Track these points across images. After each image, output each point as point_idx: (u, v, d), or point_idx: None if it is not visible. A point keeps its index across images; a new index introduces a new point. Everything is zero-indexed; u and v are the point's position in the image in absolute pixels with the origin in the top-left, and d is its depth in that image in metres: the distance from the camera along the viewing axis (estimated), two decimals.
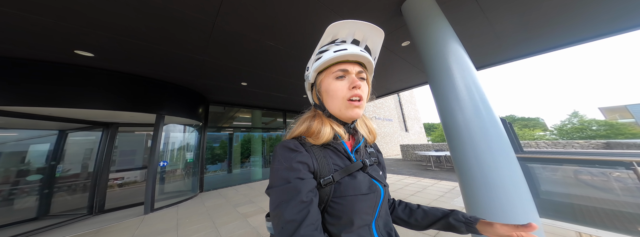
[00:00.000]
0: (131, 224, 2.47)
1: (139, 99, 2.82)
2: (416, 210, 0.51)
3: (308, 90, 0.52)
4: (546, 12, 1.91)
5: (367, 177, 0.43)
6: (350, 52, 0.42)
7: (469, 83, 1.21)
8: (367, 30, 0.46)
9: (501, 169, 1.04)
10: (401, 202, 0.56)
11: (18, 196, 2.70)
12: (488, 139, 1.10)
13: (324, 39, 0.44)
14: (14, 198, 2.66)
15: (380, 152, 0.58)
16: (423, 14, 1.51)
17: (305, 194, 0.35)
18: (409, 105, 17.43)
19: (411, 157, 8.85)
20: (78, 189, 3.09)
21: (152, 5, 1.50)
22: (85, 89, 2.41)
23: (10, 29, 1.65)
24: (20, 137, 2.86)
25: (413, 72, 3.45)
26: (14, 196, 2.67)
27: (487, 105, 1.16)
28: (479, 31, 2.20)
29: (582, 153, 2.57)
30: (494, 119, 1.14)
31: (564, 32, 2.31)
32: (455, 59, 1.29)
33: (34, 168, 2.87)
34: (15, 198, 2.67)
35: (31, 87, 2.12)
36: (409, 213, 0.52)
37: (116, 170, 4.88)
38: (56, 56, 2.14)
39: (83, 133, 3.21)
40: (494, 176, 1.04)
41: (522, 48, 2.71)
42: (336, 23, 0.42)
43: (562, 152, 1.88)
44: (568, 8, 1.87)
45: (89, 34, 1.80)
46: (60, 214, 2.83)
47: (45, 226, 2.41)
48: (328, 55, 0.43)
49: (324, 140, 0.42)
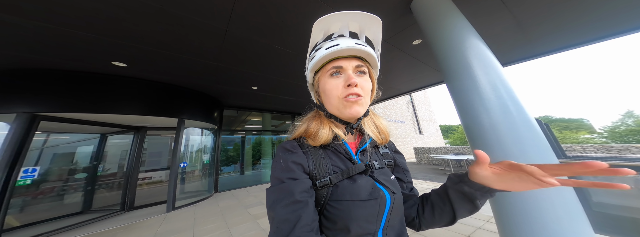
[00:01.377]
0: (155, 221, 2.63)
1: (164, 105, 3.06)
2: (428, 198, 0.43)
3: (310, 90, 0.49)
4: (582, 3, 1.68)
5: (371, 181, 0.39)
6: (343, 47, 0.38)
7: (494, 80, 1.10)
8: (361, 20, 0.41)
9: None
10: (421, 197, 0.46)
11: (67, 191, 3.06)
12: (521, 142, 0.97)
13: (314, 37, 0.42)
14: (64, 194, 3.02)
15: (400, 153, 0.52)
16: (435, 10, 1.43)
17: (299, 194, 0.34)
18: (422, 107, 16.71)
19: (427, 161, 8.40)
20: (114, 187, 3.43)
21: (171, 16, 1.62)
22: (121, 96, 2.69)
23: (62, 44, 1.90)
24: (71, 140, 3.27)
25: (426, 72, 3.29)
26: (64, 192, 3.03)
27: (517, 104, 1.04)
28: (501, 25, 2.02)
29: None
30: (527, 120, 1.01)
31: (605, 22, 2.00)
32: (475, 55, 1.19)
33: (80, 167, 3.25)
34: (65, 194, 3.04)
35: (77, 95, 2.41)
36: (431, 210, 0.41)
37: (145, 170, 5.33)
38: (96, 67, 2.42)
39: (119, 136, 3.57)
40: None
41: (554, 41, 2.42)
42: (322, 18, 0.38)
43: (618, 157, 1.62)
44: None
45: (123, 46, 2.00)
46: (99, 209, 3.16)
47: (88, 220, 2.69)
48: (320, 53, 0.40)
49: (322, 141, 0.40)
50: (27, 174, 2.43)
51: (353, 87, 0.38)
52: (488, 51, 1.22)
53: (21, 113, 2.17)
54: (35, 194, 2.72)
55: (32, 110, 2.21)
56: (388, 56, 2.61)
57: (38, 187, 2.74)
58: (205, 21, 1.71)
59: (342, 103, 0.39)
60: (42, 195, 2.81)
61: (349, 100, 0.38)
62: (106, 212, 2.99)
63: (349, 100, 0.38)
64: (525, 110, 1.04)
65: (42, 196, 2.81)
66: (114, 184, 3.45)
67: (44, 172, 2.82)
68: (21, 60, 2.09)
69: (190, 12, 1.58)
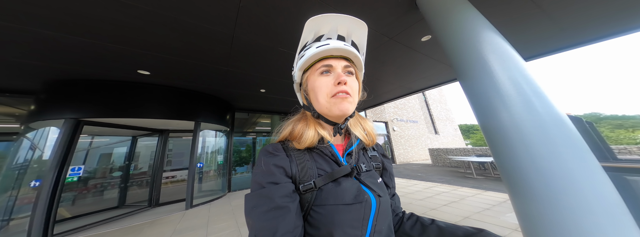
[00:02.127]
0: (175, 218, 2.81)
1: (182, 108, 3.29)
2: (429, 226, 0.41)
3: (297, 91, 0.49)
4: None
5: (356, 184, 0.37)
6: (333, 47, 0.40)
7: (514, 75, 0.99)
8: (350, 25, 0.43)
9: (575, 180, 0.77)
10: (412, 215, 0.47)
11: (106, 188, 3.46)
12: (550, 142, 0.85)
13: (305, 36, 0.42)
14: (103, 190, 3.42)
15: (388, 158, 0.51)
16: (441, 3, 1.34)
17: (279, 199, 0.31)
18: (438, 105, 15.87)
19: (444, 163, 7.91)
20: (143, 185, 3.79)
21: (184, 24, 1.73)
22: (146, 101, 2.95)
23: (95, 56, 2.13)
24: (110, 142, 3.70)
25: (438, 69, 3.11)
26: (103, 188, 3.43)
27: (544, 99, 0.92)
28: (522, 13, 1.80)
29: None
30: (557, 116, 0.88)
31: None
32: (492, 50, 1.08)
33: (116, 166, 3.65)
34: (105, 190, 3.44)
35: (111, 102, 2.71)
36: (421, 230, 0.41)
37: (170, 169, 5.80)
38: (125, 76, 2.67)
39: (148, 138, 3.93)
40: (562, 189, 0.77)
41: (597, 28, 2.02)
42: (315, 18, 0.40)
43: None
44: None
45: (145, 55, 2.19)
46: (131, 204, 3.49)
47: (121, 214, 2.98)
48: (311, 51, 0.41)
49: (307, 144, 0.39)
50: (74, 172, 2.78)
51: (343, 84, 0.39)
52: (506, 44, 1.10)
53: (68, 118, 2.47)
54: (81, 190, 3.12)
55: (77, 116, 2.51)
56: (396, 54, 2.51)
57: (85, 183, 3.16)
58: (213, 28, 1.79)
59: (331, 101, 0.39)
60: (86, 190, 3.21)
61: (339, 97, 0.38)
62: (136, 208, 3.29)
63: (339, 97, 0.38)
64: (554, 106, 0.91)
65: (86, 191, 3.21)
66: (143, 182, 3.80)
67: (87, 171, 3.22)
68: (63, 71, 2.38)
69: (200, 19, 1.68)
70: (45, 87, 2.56)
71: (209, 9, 1.56)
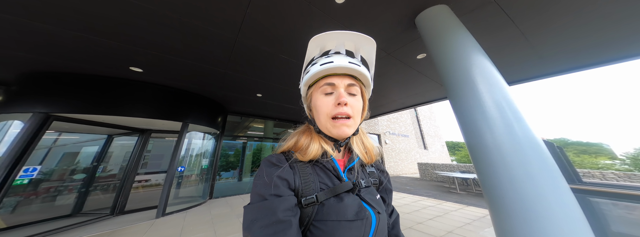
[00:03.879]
0: (141, 228, 2.52)
1: (171, 108, 3.14)
2: None
3: (303, 104, 0.50)
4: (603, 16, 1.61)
5: (357, 200, 0.37)
6: (337, 65, 0.39)
7: (498, 99, 1.08)
8: (357, 40, 0.42)
9: (547, 200, 0.85)
10: None
11: (62, 193, 2.95)
12: (527, 164, 0.93)
13: (310, 52, 0.43)
14: (58, 195, 2.90)
15: (385, 172, 0.51)
16: (438, 25, 1.46)
17: (282, 212, 0.30)
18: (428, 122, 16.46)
19: (431, 177, 8.04)
20: (109, 189, 3.34)
21: (188, 26, 1.75)
22: (133, 99, 2.79)
23: (87, 51, 2.03)
24: (79, 140, 3.29)
25: (431, 86, 3.30)
26: (58, 193, 2.91)
27: (523, 124, 1.00)
28: (509, 41, 2.00)
29: None
30: (533, 141, 0.97)
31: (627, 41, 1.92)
32: (480, 73, 1.19)
33: (81, 168, 3.19)
34: (59, 195, 2.91)
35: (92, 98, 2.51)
36: None
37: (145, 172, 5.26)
38: (115, 72, 2.56)
39: (125, 138, 3.60)
40: (536, 208, 0.85)
41: (569, 60, 2.34)
42: (318, 36, 0.40)
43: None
44: None
45: (142, 53, 2.13)
46: (89, 212, 3.02)
47: (74, 224, 2.57)
48: (315, 68, 0.40)
49: (311, 156, 0.39)
50: (27, 173, 2.39)
51: (343, 106, 0.38)
52: (493, 68, 1.21)
53: (37, 113, 2.26)
54: (29, 195, 2.62)
55: (48, 111, 2.30)
56: (392, 69, 2.65)
57: (35, 186, 2.65)
58: (218, 31, 1.82)
59: (331, 123, 0.39)
60: (35, 195, 2.70)
61: (338, 122, 0.39)
62: (95, 216, 2.87)
63: (338, 121, 0.39)
64: (532, 131, 1.00)
65: (35, 196, 2.71)
66: (110, 186, 3.36)
67: (45, 172, 2.77)
68: (48, 64, 2.24)
69: (206, 22, 1.70)
70: (19, 79, 2.37)
71: (217, 13, 1.60)
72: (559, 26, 1.77)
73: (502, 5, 1.53)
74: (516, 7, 1.55)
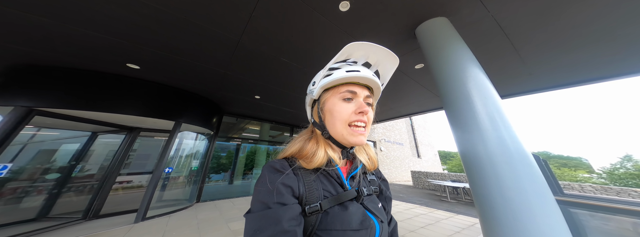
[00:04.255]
0: (116, 233, 2.32)
1: (165, 107, 3.04)
2: None
3: (308, 105, 0.48)
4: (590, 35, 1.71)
5: (361, 209, 0.37)
6: (363, 75, 0.40)
7: (491, 112, 1.12)
8: (382, 56, 0.44)
9: (535, 211, 0.88)
10: None
11: (29, 194, 2.64)
12: (517, 176, 0.96)
13: (338, 56, 0.43)
14: (23, 196, 2.59)
15: (385, 180, 0.51)
16: (438, 37, 1.52)
17: (287, 222, 0.29)
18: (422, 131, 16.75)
19: (423, 185, 8.08)
20: (85, 191, 3.04)
21: (193, 26, 1.74)
22: (125, 96, 2.69)
23: (84, 46, 1.98)
24: (59, 136, 3.02)
25: (427, 96, 3.39)
26: (25, 195, 2.61)
27: (514, 137, 1.04)
28: (504, 56, 2.09)
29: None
30: (523, 154, 1.00)
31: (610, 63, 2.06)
32: (475, 85, 1.23)
33: (56, 167, 2.92)
34: (26, 196, 2.61)
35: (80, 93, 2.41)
36: None
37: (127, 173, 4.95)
38: (110, 68, 2.49)
39: (111, 135, 3.39)
40: (525, 218, 0.87)
41: (557, 77, 2.49)
42: (355, 43, 0.41)
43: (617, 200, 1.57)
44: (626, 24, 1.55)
45: (141, 50, 2.10)
46: (57, 216, 2.73)
47: (38, 230, 2.28)
48: (339, 74, 0.40)
49: (316, 164, 0.38)
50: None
51: (364, 115, 0.39)
52: (488, 82, 1.26)
53: (19, 107, 2.13)
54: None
55: (31, 105, 2.18)
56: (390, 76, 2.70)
57: (0, 186, 2.37)
58: (222, 32, 1.82)
59: (348, 130, 0.39)
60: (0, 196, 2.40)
61: (356, 131, 0.39)
62: (64, 221, 2.57)
63: (356, 131, 0.39)
64: (522, 145, 1.03)
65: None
66: (86, 187, 3.05)
67: (15, 170, 2.50)
68: (35, 57, 2.14)
69: (210, 23, 1.71)
70: (5, 71, 2.25)
71: (222, 15, 1.61)
72: (550, 44, 1.90)
73: (499, 21, 1.62)
74: (512, 23, 1.64)
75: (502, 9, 1.50)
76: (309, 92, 0.46)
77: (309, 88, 0.46)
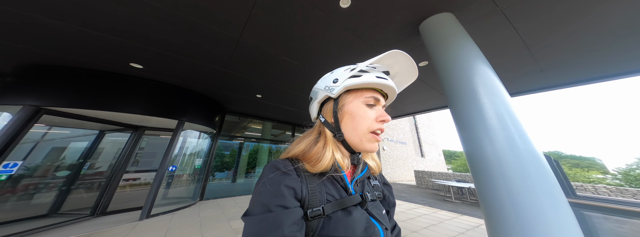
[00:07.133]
0: (122, 230, 2.38)
1: (168, 106, 3.08)
2: None
3: (317, 102, 0.45)
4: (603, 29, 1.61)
5: (365, 215, 0.35)
6: (390, 84, 0.41)
7: (500, 110, 1.07)
8: (405, 69, 0.45)
9: (546, 214, 0.83)
10: None
11: (41, 191, 2.73)
12: (527, 177, 0.91)
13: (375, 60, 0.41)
14: (36, 193, 2.69)
15: (389, 185, 0.49)
16: (442, 33, 1.46)
17: (288, 227, 0.28)
18: (426, 130, 16.53)
19: (426, 185, 7.99)
20: (93, 188, 3.15)
21: (193, 24, 1.73)
22: (129, 95, 2.74)
23: (89, 45, 2.01)
24: (69, 134, 3.12)
25: (431, 95, 3.31)
26: (36, 191, 2.68)
27: (524, 137, 0.99)
28: (512, 51, 1.99)
29: None
30: (534, 155, 0.95)
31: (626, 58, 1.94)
32: (482, 83, 1.18)
33: (66, 164, 3.02)
34: (37, 193, 2.70)
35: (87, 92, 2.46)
36: None
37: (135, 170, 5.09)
38: (114, 67, 2.52)
39: (118, 134, 3.47)
40: (534, 221, 0.83)
41: (569, 74, 2.36)
42: (397, 51, 0.41)
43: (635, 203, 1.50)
44: None
45: (144, 49, 2.11)
46: (67, 212, 2.82)
47: (49, 225, 2.38)
48: (369, 78, 0.40)
49: (322, 169, 0.35)
50: (7, 169, 2.21)
51: (384, 123, 0.40)
52: (496, 79, 1.20)
53: (28, 106, 2.19)
54: (4, 192, 2.39)
55: (40, 104, 2.24)
56: None
57: (14, 183, 2.45)
58: (221, 31, 1.81)
59: (368, 136, 0.38)
60: (12, 193, 2.48)
61: (376, 138, 0.39)
62: (73, 217, 2.66)
63: (375, 138, 0.39)
64: (533, 144, 0.98)
65: (11, 193, 2.47)
66: (94, 184, 3.15)
67: (27, 167, 2.58)
68: (46, 57, 2.19)
69: (209, 22, 1.70)
70: (15, 71, 2.32)
71: (221, 13, 1.59)
72: (562, 39, 1.80)
73: (508, 16, 1.55)
74: (522, 18, 1.56)
75: (511, 3, 1.43)
76: (326, 89, 0.42)
77: (326, 85, 0.43)
